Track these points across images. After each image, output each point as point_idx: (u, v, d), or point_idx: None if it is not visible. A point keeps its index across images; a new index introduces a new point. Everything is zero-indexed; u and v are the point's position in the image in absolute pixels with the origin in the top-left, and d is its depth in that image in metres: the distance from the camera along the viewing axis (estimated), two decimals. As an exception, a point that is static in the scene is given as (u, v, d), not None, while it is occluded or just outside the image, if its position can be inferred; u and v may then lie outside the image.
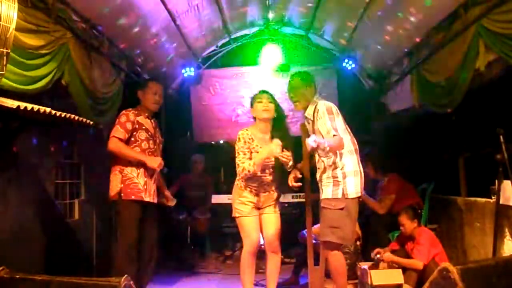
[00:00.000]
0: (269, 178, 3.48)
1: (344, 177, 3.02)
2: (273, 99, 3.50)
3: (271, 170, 3.47)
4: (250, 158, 3.37)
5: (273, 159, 3.41)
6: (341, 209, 2.99)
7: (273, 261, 3.50)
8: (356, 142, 3.18)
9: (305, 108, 3.27)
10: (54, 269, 3.33)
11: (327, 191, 3.07)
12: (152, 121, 3.63)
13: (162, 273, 4.71)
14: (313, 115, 3.14)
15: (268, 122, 3.49)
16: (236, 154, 3.43)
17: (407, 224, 3.83)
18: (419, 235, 3.80)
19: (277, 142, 3.25)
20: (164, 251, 4.57)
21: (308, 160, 3.37)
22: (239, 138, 3.45)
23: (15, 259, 2.97)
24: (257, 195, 3.45)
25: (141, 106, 3.60)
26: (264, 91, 3.57)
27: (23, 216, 3.25)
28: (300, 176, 3.41)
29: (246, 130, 3.51)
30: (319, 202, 3.18)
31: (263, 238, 3.57)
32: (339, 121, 3.08)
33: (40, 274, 2.38)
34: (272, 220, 3.50)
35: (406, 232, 3.86)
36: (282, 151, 3.25)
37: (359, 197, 3.10)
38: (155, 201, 3.58)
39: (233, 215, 3.51)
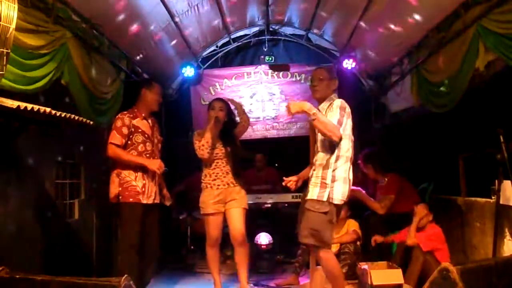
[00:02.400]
0: (224, 169, 3.70)
1: (333, 180, 2.94)
2: (225, 108, 3.75)
3: (224, 161, 3.70)
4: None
5: (222, 149, 3.68)
6: (325, 213, 2.91)
7: (240, 253, 3.71)
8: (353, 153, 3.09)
9: (321, 99, 3.17)
10: (54, 269, 3.34)
11: (313, 192, 2.98)
12: (150, 120, 3.60)
13: (162, 273, 4.71)
14: (326, 110, 3.08)
15: (216, 128, 3.68)
16: (194, 145, 3.66)
17: (426, 216, 3.83)
18: (433, 227, 3.81)
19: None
20: (164, 251, 4.56)
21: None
22: (193, 135, 3.79)
23: (15, 259, 2.98)
24: (217, 189, 3.67)
25: (138, 107, 3.56)
26: (218, 99, 3.87)
27: (23, 216, 3.25)
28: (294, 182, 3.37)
29: (197, 131, 3.81)
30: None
31: (230, 232, 3.72)
32: (348, 123, 3.03)
33: (40, 274, 2.38)
34: (236, 215, 3.67)
35: (422, 223, 3.83)
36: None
37: (343, 203, 3.03)
38: (157, 201, 3.58)
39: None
